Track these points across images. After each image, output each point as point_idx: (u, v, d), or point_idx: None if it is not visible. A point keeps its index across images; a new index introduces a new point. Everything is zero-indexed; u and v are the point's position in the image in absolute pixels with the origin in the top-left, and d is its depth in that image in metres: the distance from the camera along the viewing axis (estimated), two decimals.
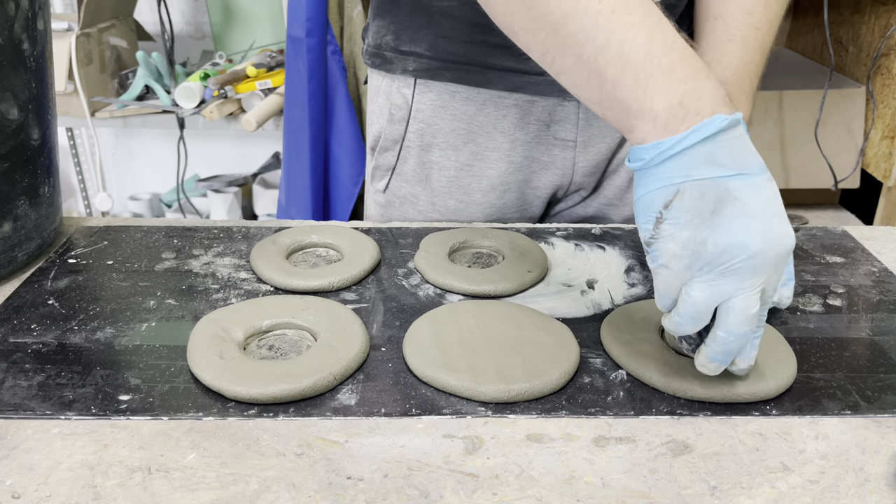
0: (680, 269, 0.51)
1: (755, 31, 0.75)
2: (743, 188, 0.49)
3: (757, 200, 0.49)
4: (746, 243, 0.48)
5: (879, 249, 0.83)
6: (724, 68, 0.73)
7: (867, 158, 1.86)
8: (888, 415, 0.56)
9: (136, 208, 2.44)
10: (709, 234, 0.49)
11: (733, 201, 0.49)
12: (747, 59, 0.74)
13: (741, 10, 0.75)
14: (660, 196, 0.50)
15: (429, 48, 0.86)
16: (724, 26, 0.75)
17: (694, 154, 0.49)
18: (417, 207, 0.94)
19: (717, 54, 0.74)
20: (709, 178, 0.49)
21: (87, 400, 0.56)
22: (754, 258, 0.49)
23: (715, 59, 0.73)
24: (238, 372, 0.57)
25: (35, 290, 0.72)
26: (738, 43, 0.74)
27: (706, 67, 0.51)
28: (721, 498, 0.48)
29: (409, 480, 0.49)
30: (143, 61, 1.96)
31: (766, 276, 0.50)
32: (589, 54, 0.52)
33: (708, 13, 0.77)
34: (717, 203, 0.49)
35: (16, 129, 0.71)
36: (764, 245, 0.49)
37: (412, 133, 0.90)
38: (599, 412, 0.56)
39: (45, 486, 0.49)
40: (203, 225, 0.86)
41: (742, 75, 0.73)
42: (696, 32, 0.79)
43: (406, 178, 0.93)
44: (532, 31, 0.55)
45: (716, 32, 0.75)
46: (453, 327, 0.64)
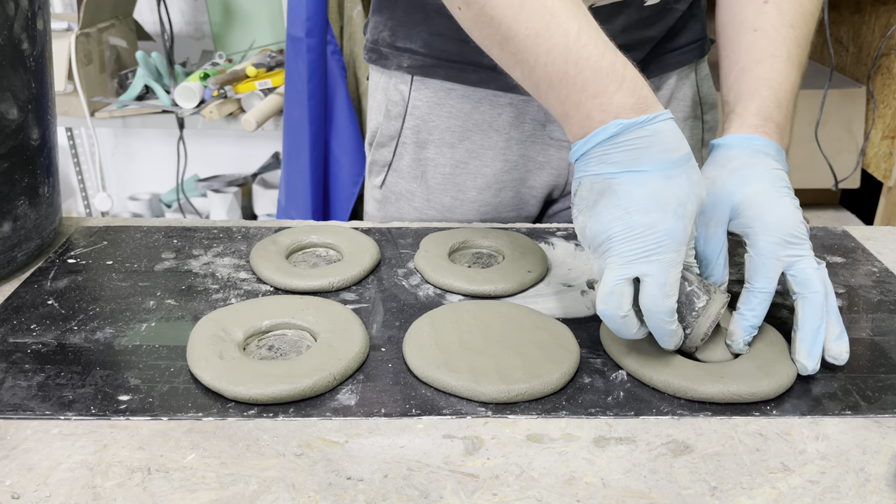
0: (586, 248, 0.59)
1: (798, 48, 0.72)
2: (625, 183, 0.55)
3: (633, 195, 0.55)
4: (609, 231, 0.56)
5: (880, 249, 0.83)
6: (775, 89, 0.69)
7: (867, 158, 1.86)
8: (888, 415, 0.56)
9: (135, 208, 2.44)
10: (587, 220, 0.57)
11: (611, 194, 0.56)
12: (793, 80, 0.70)
13: (785, 23, 0.72)
14: (573, 187, 0.59)
15: (423, 45, 0.86)
16: (768, 40, 0.72)
17: (591, 155, 0.57)
18: (413, 204, 0.94)
19: (766, 72, 0.70)
20: (598, 174, 0.57)
21: (86, 400, 0.56)
22: (613, 241, 0.55)
23: (763, 78, 0.70)
24: (238, 372, 0.57)
25: (35, 290, 0.72)
26: (785, 60, 0.71)
27: (619, 79, 0.56)
28: (721, 498, 0.48)
29: (409, 481, 0.49)
30: (143, 61, 1.96)
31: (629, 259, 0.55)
32: (526, 73, 0.60)
33: (745, 25, 0.73)
34: (599, 195, 0.57)
35: (15, 129, 0.71)
36: (625, 234, 0.55)
37: (408, 129, 0.91)
38: (599, 412, 0.56)
39: (45, 486, 0.49)
40: (203, 225, 0.86)
41: (790, 99, 0.70)
42: (732, 44, 0.75)
43: (402, 174, 0.94)
44: (487, 48, 0.63)
45: (758, 47, 0.72)
46: (453, 327, 0.64)
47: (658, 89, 0.89)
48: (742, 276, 0.76)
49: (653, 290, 0.55)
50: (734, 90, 0.72)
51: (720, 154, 0.67)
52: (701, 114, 0.94)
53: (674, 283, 0.56)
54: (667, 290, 0.55)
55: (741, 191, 0.63)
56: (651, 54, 0.86)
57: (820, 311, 0.60)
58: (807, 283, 0.60)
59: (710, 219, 0.64)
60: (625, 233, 0.55)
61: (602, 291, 0.56)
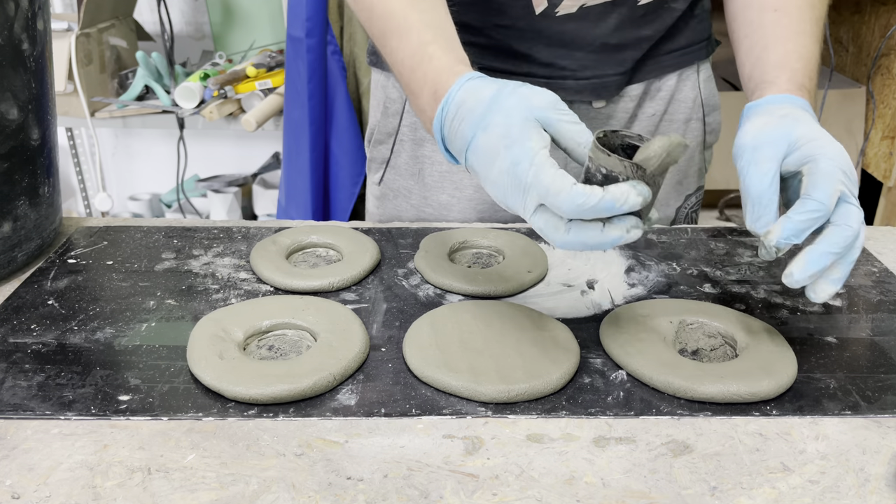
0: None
1: (817, 26, 0.73)
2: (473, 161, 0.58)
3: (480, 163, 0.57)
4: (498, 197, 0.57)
5: (879, 249, 0.83)
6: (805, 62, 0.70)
7: (867, 158, 1.86)
8: (888, 415, 0.56)
9: (135, 208, 2.44)
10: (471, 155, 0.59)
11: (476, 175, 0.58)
12: (818, 55, 0.72)
13: (806, 3, 0.73)
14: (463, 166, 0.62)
15: None
16: (791, 18, 0.73)
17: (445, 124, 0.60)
18: (410, 201, 0.94)
19: (794, 46, 0.71)
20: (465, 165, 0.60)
21: (86, 400, 0.56)
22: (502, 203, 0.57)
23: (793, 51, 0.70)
24: (238, 372, 0.57)
25: (35, 290, 0.72)
26: (810, 36, 0.72)
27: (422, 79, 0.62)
28: (721, 498, 0.48)
29: (409, 481, 0.49)
30: (143, 61, 1.96)
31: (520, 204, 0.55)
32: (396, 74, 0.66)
33: (766, 4, 0.74)
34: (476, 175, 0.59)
35: (16, 129, 0.71)
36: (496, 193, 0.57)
37: (405, 127, 0.91)
38: (599, 412, 0.56)
39: (45, 486, 0.49)
40: (203, 225, 0.86)
41: (816, 72, 0.71)
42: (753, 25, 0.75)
43: (400, 171, 0.94)
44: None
45: (783, 24, 0.73)
46: (453, 327, 0.64)
47: (658, 90, 0.89)
48: (742, 277, 0.76)
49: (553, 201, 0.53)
50: (761, 65, 0.71)
51: (762, 107, 0.66)
52: (703, 115, 0.94)
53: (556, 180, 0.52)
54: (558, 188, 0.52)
55: (798, 128, 0.61)
56: (648, 54, 0.86)
57: (841, 243, 0.57)
58: (847, 216, 0.57)
59: (761, 155, 0.60)
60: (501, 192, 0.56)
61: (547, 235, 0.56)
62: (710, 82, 0.94)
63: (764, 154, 0.60)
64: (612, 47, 0.83)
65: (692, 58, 0.90)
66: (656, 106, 0.90)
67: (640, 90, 0.88)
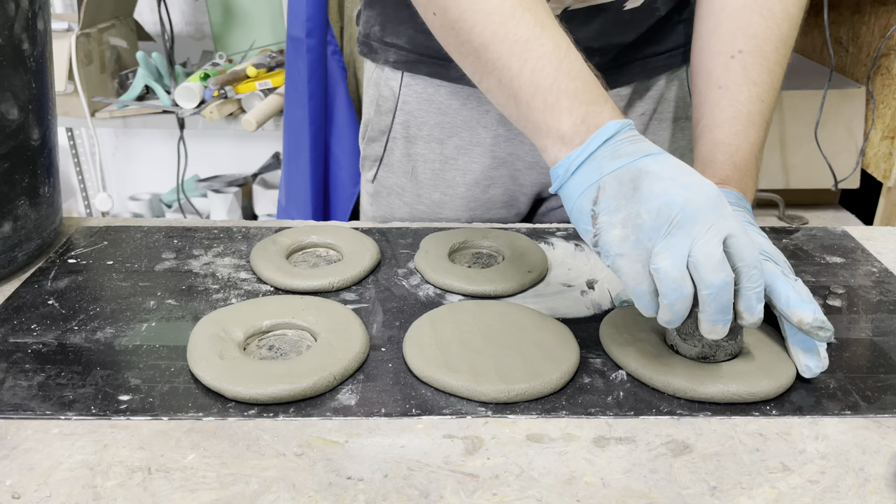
0: (632, 249, 0.53)
1: (760, 104, 0.72)
2: (651, 163, 0.54)
3: (667, 168, 0.54)
4: (673, 197, 0.52)
5: (879, 250, 0.83)
6: (731, 153, 0.70)
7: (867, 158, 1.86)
8: (888, 415, 0.56)
9: (136, 208, 2.44)
10: (639, 205, 0.53)
11: (647, 174, 0.53)
12: (752, 139, 0.71)
13: (747, 80, 0.72)
14: (586, 198, 0.55)
15: (409, 41, 0.87)
16: (730, 99, 0.72)
17: (600, 155, 0.55)
18: (403, 199, 0.95)
19: (724, 136, 0.71)
20: (620, 167, 0.54)
21: (87, 400, 0.56)
22: (686, 206, 0.52)
23: (721, 142, 0.71)
24: (238, 372, 0.57)
25: (35, 290, 0.72)
26: (745, 120, 0.71)
27: (605, 94, 0.58)
28: (721, 498, 0.48)
29: (409, 481, 0.49)
30: (143, 61, 1.96)
31: (711, 220, 0.52)
32: (506, 80, 0.59)
33: (711, 80, 0.74)
34: (635, 181, 0.53)
35: (16, 129, 0.71)
36: (689, 193, 0.52)
37: (398, 125, 0.92)
38: (599, 412, 0.56)
39: (45, 486, 0.49)
40: (203, 225, 0.86)
41: (748, 159, 0.71)
42: (698, 99, 0.76)
43: (393, 169, 0.94)
44: (461, 55, 0.62)
45: (720, 106, 0.73)
46: (453, 327, 0.64)
47: (646, 90, 0.90)
48: None
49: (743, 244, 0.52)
50: (696, 150, 0.73)
51: None
52: (691, 115, 0.94)
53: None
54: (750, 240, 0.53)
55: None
56: (635, 57, 0.86)
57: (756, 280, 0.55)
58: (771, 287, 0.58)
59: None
60: (689, 195, 0.52)
61: (711, 263, 0.51)
62: None
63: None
64: (595, 51, 0.83)
65: (680, 59, 0.90)
66: (645, 105, 0.90)
67: (629, 91, 0.88)
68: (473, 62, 0.61)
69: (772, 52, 0.73)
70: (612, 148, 0.55)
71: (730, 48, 0.74)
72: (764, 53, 0.73)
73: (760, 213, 1.78)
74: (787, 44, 0.75)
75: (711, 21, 0.76)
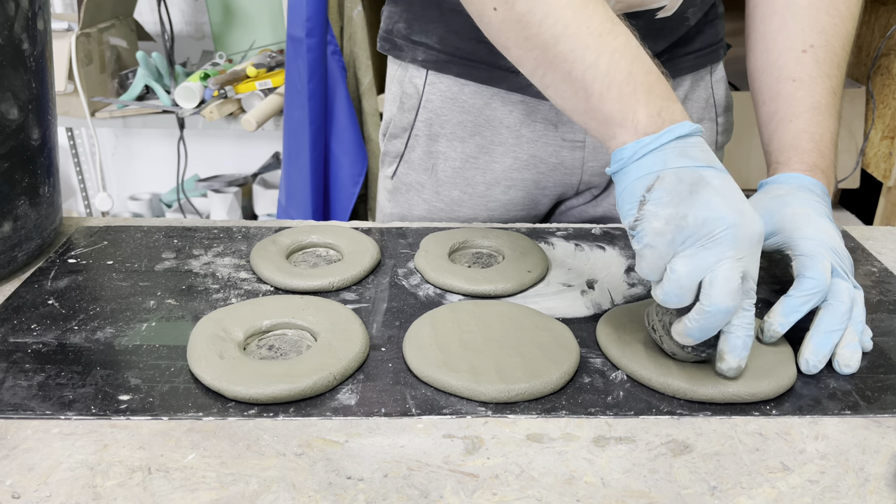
0: (664, 246, 0.54)
1: (834, 97, 0.73)
2: (714, 176, 0.55)
3: (728, 187, 0.55)
4: (724, 215, 0.53)
5: (879, 249, 0.83)
6: (817, 141, 0.71)
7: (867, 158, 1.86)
8: (888, 415, 0.56)
9: (136, 208, 2.44)
10: (688, 209, 0.53)
11: (707, 184, 0.54)
12: (832, 130, 0.72)
13: (822, 73, 0.73)
14: (642, 183, 0.56)
15: (439, 41, 0.87)
16: (806, 91, 0.73)
17: (670, 148, 0.55)
18: (422, 195, 0.95)
19: (806, 125, 0.71)
20: (684, 166, 0.55)
21: (87, 400, 0.56)
22: (732, 229, 0.53)
23: (804, 131, 0.71)
24: (238, 372, 0.57)
25: (35, 290, 0.72)
26: (824, 111, 0.72)
27: (675, 94, 0.58)
28: (721, 498, 0.48)
29: (409, 480, 0.49)
30: (143, 61, 1.96)
31: (744, 252, 0.53)
32: (577, 72, 0.58)
33: (783, 73, 0.74)
34: (693, 185, 0.54)
35: (16, 129, 0.71)
36: (739, 219, 0.53)
37: (421, 122, 0.92)
38: (599, 412, 0.56)
39: (45, 486, 0.49)
40: (203, 225, 0.86)
41: (830, 148, 0.71)
42: (770, 92, 0.76)
43: (413, 165, 0.95)
44: (525, 49, 0.61)
45: (797, 98, 0.73)
46: (453, 327, 0.64)
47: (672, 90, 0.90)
48: None
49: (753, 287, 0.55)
50: (776, 140, 0.73)
51: (766, 188, 0.69)
52: (715, 116, 0.94)
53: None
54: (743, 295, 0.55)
55: (781, 211, 0.64)
56: (663, 59, 0.86)
57: (840, 319, 0.61)
58: (836, 292, 0.61)
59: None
60: (738, 220, 0.53)
61: (728, 289, 0.53)
62: (722, 83, 0.95)
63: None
64: None
65: (705, 60, 0.90)
66: None
67: None
68: (539, 56, 0.60)
69: (840, 48, 0.74)
70: (682, 146, 0.55)
71: (800, 43, 0.74)
72: (833, 49, 0.74)
73: None
74: (851, 41, 0.76)
75: (776, 21, 0.76)
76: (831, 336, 0.60)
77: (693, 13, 0.84)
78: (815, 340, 0.60)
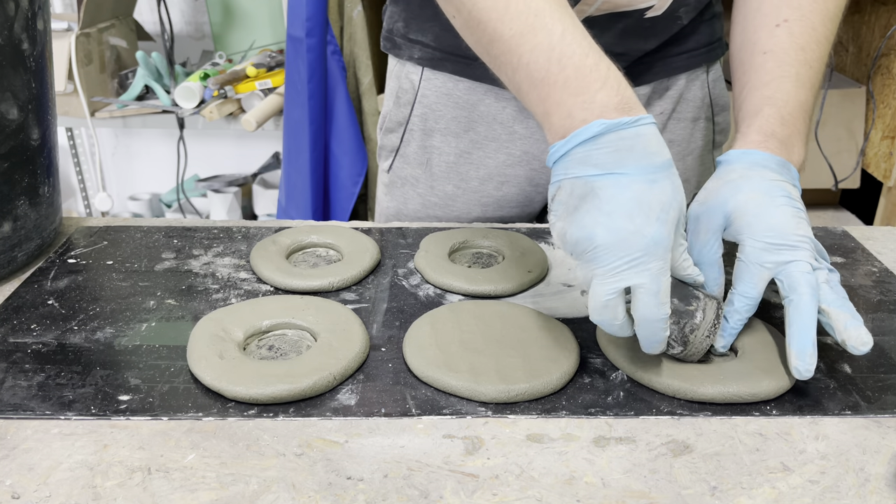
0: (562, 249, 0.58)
1: (809, 69, 0.71)
2: (607, 187, 0.54)
3: (617, 199, 0.54)
4: (593, 235, 0.54)
5: (879, 249, 0.83)
6: (779, 107, 0.69)
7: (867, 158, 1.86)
8: (888, 415, 0.56)
9: (135, 208, 2.44)
10: (569, 226, 0.55)
11: (593, 198, 0.54)
12: (802, 99, 0.70)
13: (795, 46, 0.71)
14: (551, 191, 0.58)
15: (434, 39, 0.88)
16: (776, 62, 0.71)
17: (573, 155, 0.55)
18: (417, 190, 0.96)
19: (771, 91, 0.70)
20: (579, 176, 0.55)
21: (86, 400, 0.56)
22: (598, 250, 0.54)
23: (768, 97, 0.69)
24: (238, 372, 0.57)
25: (35, 290, 0.72)
26: (793, 80, 0.70)
27: (602, 79, 0.56)
28: (721, 498, 0.48)
29: (409, 481, 0.49)
30: (143, 61, 1.96)
31: (622, 268, 0.54)
32: (510, 74, 0.60)
33: (756, 47, 0.73)
34: (581, 199, 0.55)
35: (16, 129, 0.71)
36: (609, 240, 0.53)
37: (416, 117, 0.93)
38: (599, 412, 0.56)
39: (45, 486, 0.49)
40: (203, 225, 0.86)
41: (797, 116, 0.69)
42: (744, 66, 0.75)
43: (408, 160, 0.95)
44: (477, 51, 0.63)
45: (766, 68, 0.71)
46: (453, 327, 0.64)
47: (667, 90, 0.90)
48: None
49: (647, 299, 0.54)
50: (741, 111, 0.72)
51: (721, 169, 0.67)
52: (712, 115, 0.94)
53: (665, 291, 0.55)
54: (660, 299, 0.54)
55: (733, 199, 0.63)
56: (656, 57, 0.86)
57: (806, 311, 0.58)
58: (792, 286, 0.59)
59: (703, 227, 0.63)
60: (610, 240, 0.53)
61: (594, 304, 0.55)
62: (719, 82, 0.95)
63: (705, 226, 0.63)
64: (617, 55, 0.83)
65: (701, 59, 0.90)
66: (664, 105, 0.90)
67: (649, 90, 0.88)
68: (486, 57, 0.62)
69: (819, 24, 0.72)
70: (587, 152, 0.55)
71: (774, 18, 0.72)
72: (811, 24, 0.72)
73: None
74: (834, 22, 0.73)
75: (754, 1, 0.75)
76: (807, 333, 0.57)
77: (685, 12, 0.84)
78: (794, 344, 0.57)
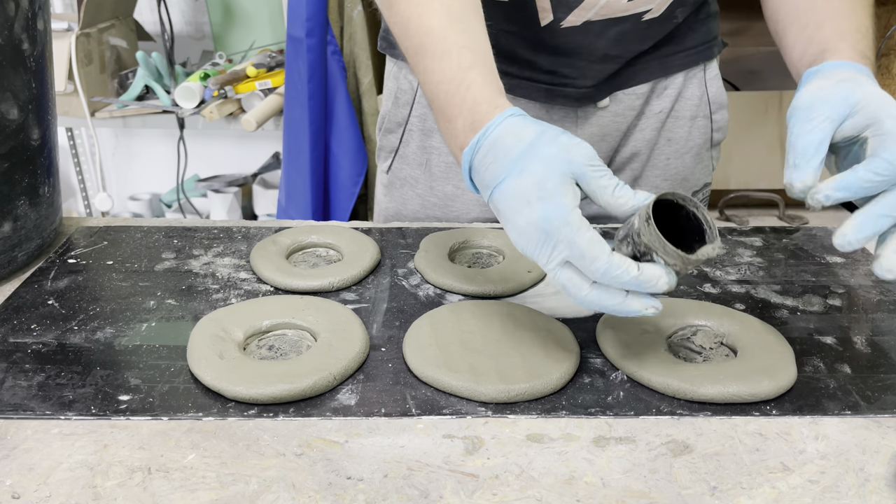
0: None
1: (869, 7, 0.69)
2: (497, 201, 0.57)
3: (507, 206, 0.56)
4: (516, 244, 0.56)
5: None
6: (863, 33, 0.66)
7: None
8: (888, 415, 0.56)
9: (136, 208, 2.43)
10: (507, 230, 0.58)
11: (499, 213, 0.57)
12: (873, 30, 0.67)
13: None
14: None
15: None
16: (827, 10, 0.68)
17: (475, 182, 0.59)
18: (416, 190, 0.95)
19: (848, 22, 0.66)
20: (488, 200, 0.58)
21: (86, 400, 0.56)
22: (526, 252, 0.56)
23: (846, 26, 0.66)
24: (238, 372, 0.57)
25: (35, 290, 0.72)
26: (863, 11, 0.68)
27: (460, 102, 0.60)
28: (721, 498, 0.48)
29: (409, 480, 0.49)
30: (143, 61, 1.96)
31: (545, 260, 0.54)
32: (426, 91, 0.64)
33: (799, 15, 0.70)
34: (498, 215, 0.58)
35: (16, 129, 0.71)
36: (522, 241, 0.55)
37: (415, 117, 0.93)
38: (599, 412, 0.56)
39: (45, 486, 0.49)
40: (203, 225, 0.86)
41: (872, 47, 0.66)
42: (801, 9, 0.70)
43: (407, 160, 0.95)
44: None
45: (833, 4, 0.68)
46: (453, 327, 0.64)
47: (665, 88, 0.90)
48: (742, 277, 0.76)
49: (581, 263, 0.53)
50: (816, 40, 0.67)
51: (823, 72, 0.62)
52: (710, 113, 0.94)
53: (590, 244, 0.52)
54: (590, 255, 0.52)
55: (859, 90, 0.57)
56: (653, 56, 0.86)
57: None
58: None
59: (818, 114, 0.57)
60: (523, 241, 0.55)
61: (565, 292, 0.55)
62: (717, 80, 0.95)
63: (817, 113, 0.57)
64: (613, 58, 0.84)
65: (698, 58, 0.90)
66: (663, 103, 0.90)
67: (647, 88, 0.88)
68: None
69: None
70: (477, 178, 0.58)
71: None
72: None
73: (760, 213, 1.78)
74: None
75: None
76: (881, 221, 0.53)
77: (682, 12, 0.84)
78: (860, 218, 0.54)
